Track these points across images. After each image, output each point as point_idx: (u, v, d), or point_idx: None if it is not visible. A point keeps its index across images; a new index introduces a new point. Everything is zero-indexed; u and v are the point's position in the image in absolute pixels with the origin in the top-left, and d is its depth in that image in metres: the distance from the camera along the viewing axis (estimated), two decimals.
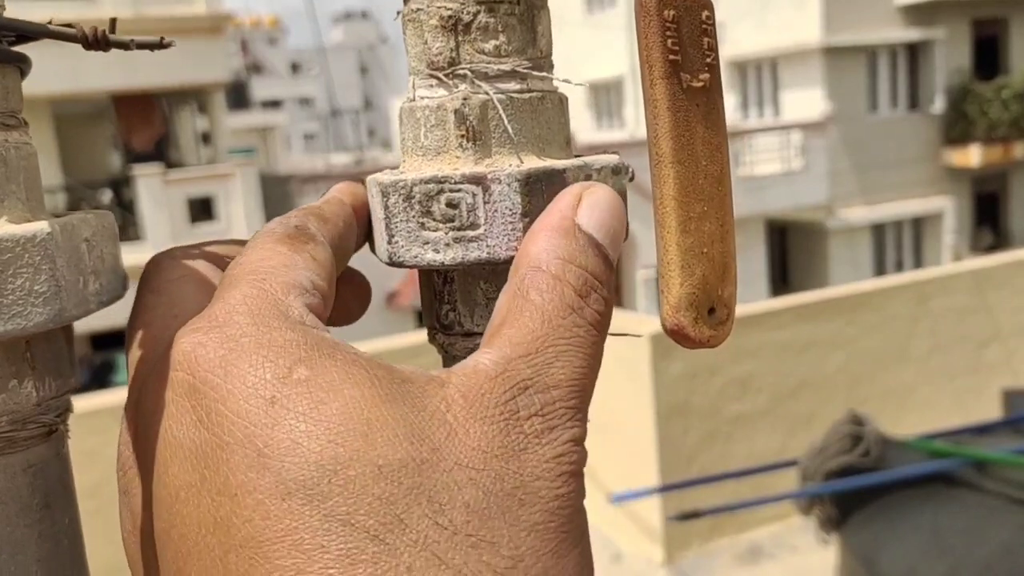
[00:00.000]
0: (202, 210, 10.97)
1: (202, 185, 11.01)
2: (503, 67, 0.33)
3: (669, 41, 0.27)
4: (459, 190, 0.32)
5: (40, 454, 0.31)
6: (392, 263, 0.34)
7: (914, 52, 14.85)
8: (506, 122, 0.33)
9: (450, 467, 0.23)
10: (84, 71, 10.19)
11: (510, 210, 0.31)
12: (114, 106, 11.67)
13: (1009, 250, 8.46)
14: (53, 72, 9.83)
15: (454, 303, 0.35)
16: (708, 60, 0.27)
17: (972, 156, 14.49)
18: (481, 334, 0.35)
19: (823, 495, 2.71)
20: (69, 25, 0.30)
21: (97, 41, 0.29)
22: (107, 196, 11.43)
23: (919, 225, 15.18)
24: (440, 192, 0.32)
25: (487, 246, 0.32)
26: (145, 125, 12.07)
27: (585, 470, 0.26)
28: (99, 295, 0.31)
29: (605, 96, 17.84)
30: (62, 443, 0.32)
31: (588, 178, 0.33)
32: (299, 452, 0.22)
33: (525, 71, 0.33)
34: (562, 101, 0.35)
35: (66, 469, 0.32)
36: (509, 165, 0.32)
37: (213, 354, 0.24)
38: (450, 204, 0.32)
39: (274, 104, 32.78)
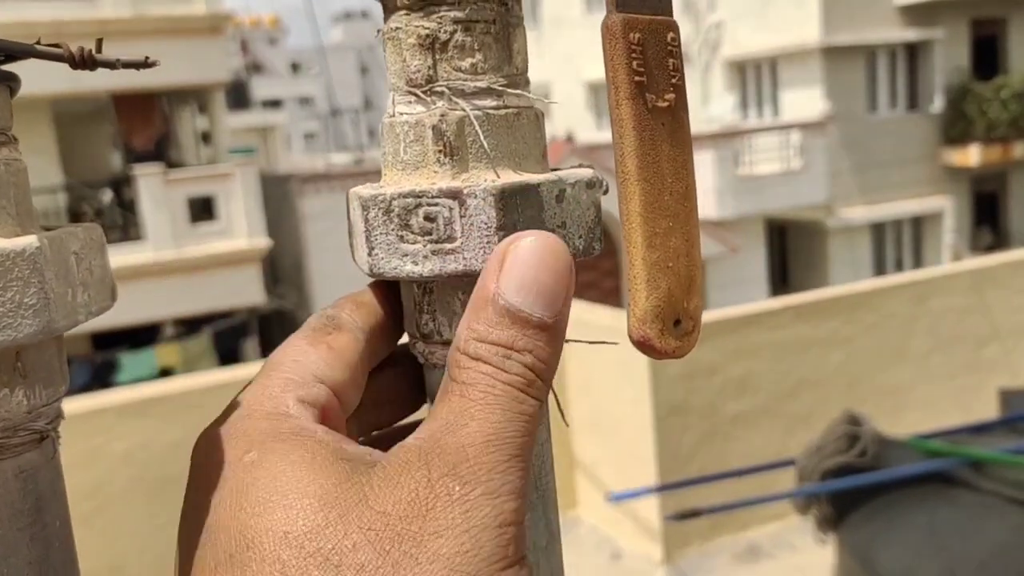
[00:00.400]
0: (202, 210, 10.97)
1: (202, 185, 11.01)
2: (479, 84, 0.34)
3: (635, 63, 0.27)
4: (436, 204, 0.33)
5: (31, 460, 0.32)
6: (372, 274, 0.35)
7: (913, 52, 14.85)
8: (482, 138, 0.34)
9: (351, 530, 0.25)
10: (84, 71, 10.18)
11: (485, 224, 0.32)
12: (114, 105, 11.67)
13: (1008, 250, 8.47)
14: (53, 71, 9.81)
15: (433, 313, 0.36)
16: (674, 80, 0.28)
17: (971, 156, 14.49)
18: None
19: (820, 494, 2.72)
20: (56, 45, 0.31)
21: (84, 61, 0.30)
22: (107, 196, 11.43)
23: (918, 225, 15.18)
24: (418, 206, 0.33)
25: (464, 258, 0.33)
26: (145, 125, 12.07)
27: (585, 469, 0.27)
28: (88, 306, 0.32)
29: (605, 96, 17.79)
30: (53, 449, 0.33)
31: (561, 194, 0.34)
32: (230, 526, 0.26)
33: (501, 88, 0.34)
34: (538, 117, 0.36)
35: (57, 474, 0.33)
36: (485, 180, 0.33)
37: (204, 441, 0.31)
38: (428, 218, 0.33)
39: (274, 104, 32.78)
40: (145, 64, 0.30)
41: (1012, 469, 2.57)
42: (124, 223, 11.07)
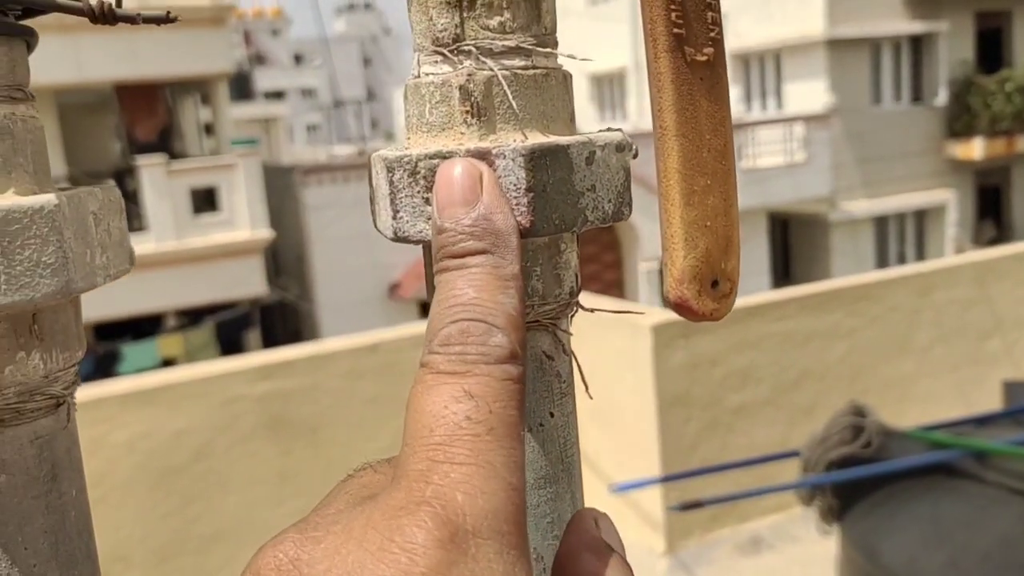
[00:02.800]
0: (205, 201, 10.97)
1: (205, 176, 11.00)
2: (508, 43, 0.33)
3: (673, 15, 0.27)
4: None
5: (47, 426, 0.31)
6: (397, 238, 0.34)
7: (918, 44, 14.80)
8: (511, 98, 0.33)
9: (320, 559, 0.26)
10: (88, 61, 10.18)
11: (515, 185, 0.32)
12: (117, 96, 11.65)
13: (1011, 243, 8.44)
14: (57, 62, 9.81)
15: None
16: (712, 34, 0.27)
17: (975, 149, 14.45)
18: None
19: (824, 485, 2.72)
20: None
21: (104, 15, 0.29)
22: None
23: (922, 218, 15.15)
24: None
25: None
26: (148, 115, 12.06)
27: (587, 460, 0.27)
28: (106, 269, 0.32)
29: (608, 88, 17.80)
30: (70, 416, 0.32)
31: (591, 156, 0.33)
32: None
33: (530, 47, 0.33)
34: (566, 78, 0.35)
35: (74, 441, 0.32)
36: (513, 141, 0.32)
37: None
38: None
39: (277, 95, 32.73)
40: (166, 19, 0.30)
41: (1016, 460, 2.56)
42: (127, 214, 11.06)
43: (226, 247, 10.83)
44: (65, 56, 9.84)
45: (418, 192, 0.33)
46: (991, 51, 15.13)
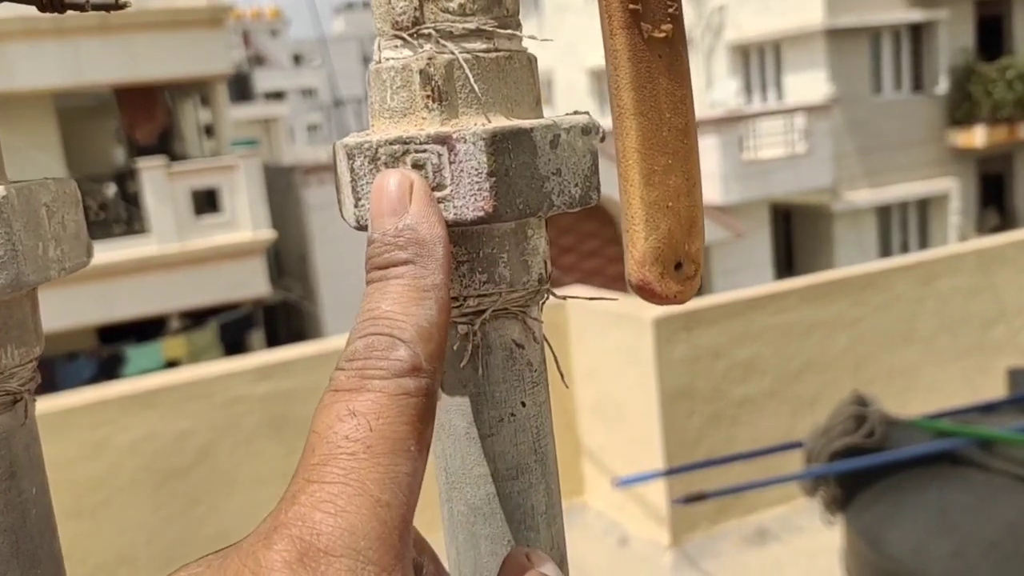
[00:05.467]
0: (206, 202, 10.97)
1: (206, 177, 11.00)
2: (468, 26, 0.32)
3: None
4: (424, 150, 0.32)
5: (4, 423, 0.30)
6: (360, 227, 0.34)
7: (917, 33, 14.75)
8: (472, 82, 0.32)
9: None
10: (86, 64, 10.18)
11: (476, 169, 0.31)
12: (117, 99, 11.66)
13: (1015, 230, 8.41)
14: (56, 66, 9.82)
15: None
16: (671, 10, 0.27)
17: (977, 137, 14.41)
18: (454, 298, 0.34)
19: (828, 476, 2.71)
20: None
21: (52, 3, 0.29)
22: (111, 190, 11.43)
23: (924, 207, 15.11)
24: (405, 153, 0.32)
25: (454, 207, 0.32)
26: (148, 118, 12.06)
27: (591, 455, 0.27)
28: (60, 261, 0.31)
29: (606, 83, 17.73)
30: (28, 412, 0.31)
31: (556, 139, 0.32)
32: None
33: (491, 29, 0.33)
34: (531, 61, 0.34)
35: (33, 438, 0.32)
36: (475, 125, 0.31)
37: None
38: (416, 165, 0.32)
39: (277, 95, 32.73)
40: (116, 6, 0.29)
41: (1021, 448, 2.55)
42: (129, 217, 11.08)
43: (228, 248, 10.83)
44: (64, 60, 9.84)
45: None
46: (991, 38, 15.08)
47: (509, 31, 0.33)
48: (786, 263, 14.96)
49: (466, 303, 0.34)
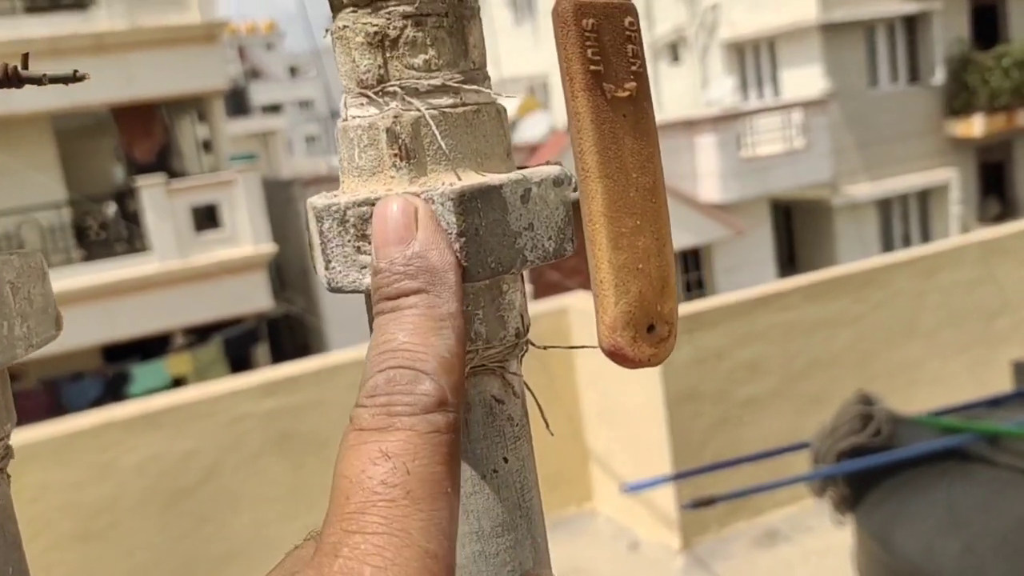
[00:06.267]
0: (206, 218, 10.97)
1: (205, 193, 11.01)
2: (434, 82, 0.32)
3: (589, 51, 0.25)
4: None
5: None
6: (331, 289, 0.33)
7: (912, 24, 14.74)
8: (439, 139, 0.32)
9: None
10: (83, 84, 10.14)
11: (446, 230, 0.31)
12: (114, 118, 11.67)
13: (1017, 219, 8.39)
14: (52, 87, 9.81)
15: None
16: (634, 68, 0.26)
17: (975, 126, 14.39)
18: None
19: (836, 476, 2.70)
20: None
21: (8, 78, 0.28)
22: (112, 209, 11.44)
23: (925, 198, 15.09)
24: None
25: None
26: (146, 136, 12.07)
27: (598, 460, 0.26)
28: (28, 339, 0.31)
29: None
30: (1, 491, 0.31)
31: (527, 193, 0.32)
32: None
33: (457, 85, 0.32)
34: (500, 112, 0.34)
35: (8, 516, 0.31)
36: (443, 183, 0.31)
37: None
38: None
39: (274, 108, 32.78)
40: (74, 79, 0.29)
41: None
42: (129, 235, 11.08)
43: (230, 263, 10.84)
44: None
45: (348, 241, 0.32)
46: (986, 27, 15.06)
47: (475, 85, 0.33)
48: (788, 259, 14.94)
49: None
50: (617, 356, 0.27)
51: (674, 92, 16.20)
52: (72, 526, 3.33)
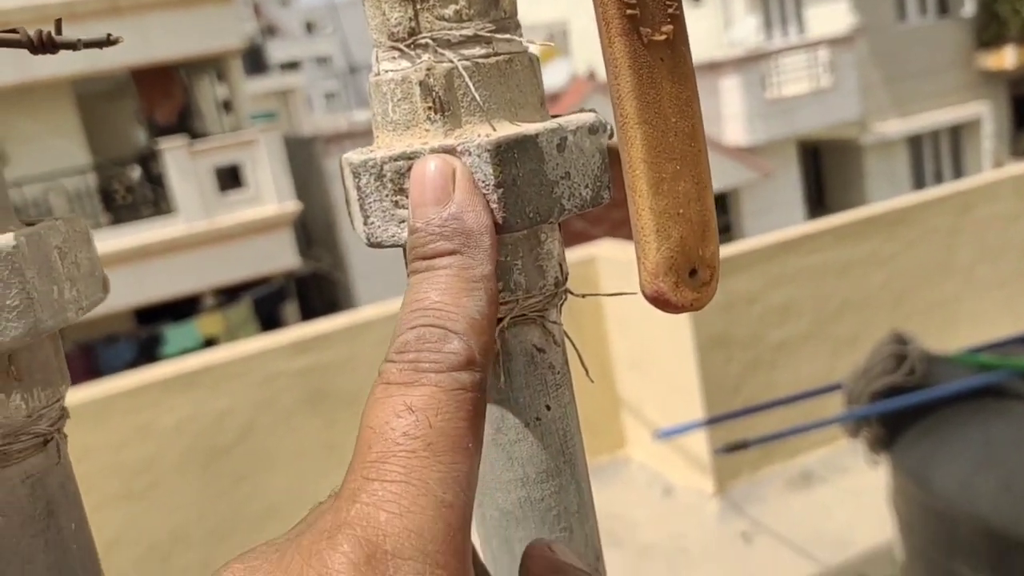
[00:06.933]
0: (230, 179, 11.03)
1: (227, 154, 11.04)
2: (465, 32, 0.32)
3: None
4: None
5: (38, 464, 0.31)
6: (371, 244, 0.33)
7: None
8: (473, 90, 0.31)
9: None
10: (101, 49, 10.18)
11: (483, 181, 0.31)
12: (134, 81, 11.69)
13: None
14: (71, 52, 9.83)
15: None
16: (671, 10, 0.26)
17: (1007, 58, 14.04)
18: None
19: (870, 417, 2.69)
20: (13, 30, 0.29)
21: (43, 44, 0.28)
22: (136, 172, 11.52)
23: (957, 133, 14.80)
24: (411, 168, 0.31)
25: None
26: (166, 98, 12.10)
27: (630, 408, 0.26)
28: (77, 302, 0.31)
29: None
30: (60, 452, 0.32)
31: (563, 142, 0.32)
32: None
33: (489, 35, 0.32)
34: (532, 61, 0.33)
35: (68, 476, 0.32)
36: (479, 135, 0.31)
37: None
38: None
39: (292, 66, 32.64)
40: (108, 42, 0.29)
41: None
42: (155, 198, 11.17)
43: (255, 223, 10.90)
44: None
45: (386, 196, 0.32)
46: None
47: (507, 34, 0.32)
48: (817, 200, 14.77)
49: None
50: (660, 302, 0.27)
51: (696, 34, 15.90)
52: (116, 486, 3.41)
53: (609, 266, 4.21)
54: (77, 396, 3.36)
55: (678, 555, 3.56)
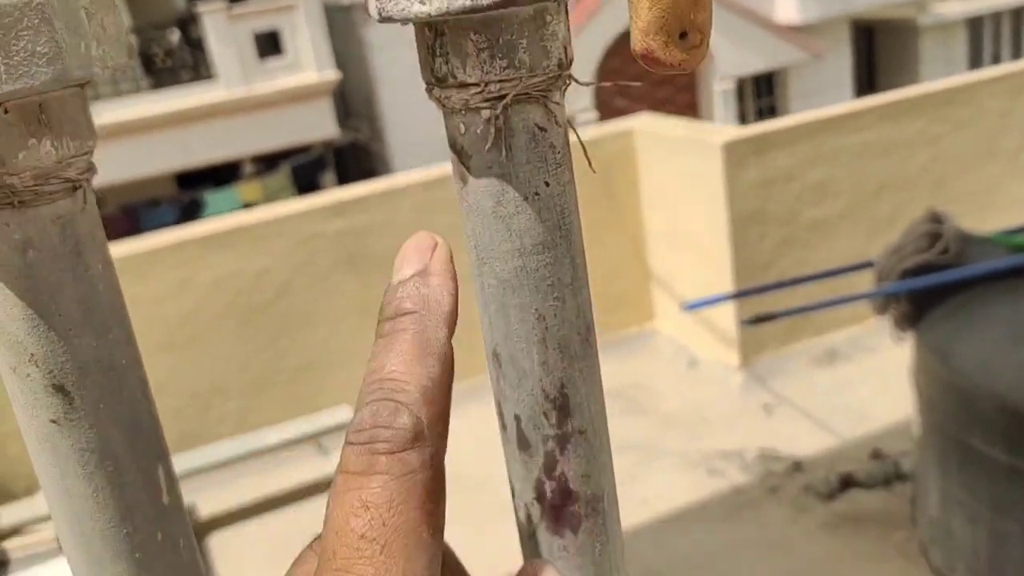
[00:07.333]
0: (269, 44, 10.90)
1: (267, 19, 10.88)
2: None
3: None
4: None
5: (66, 207, 0.33)
6: (382, 19, 0.34)
7: None
8: None
9: None
10: None
11: None
12: None
13: None
14: None
15: (446, 55, 0.35)
16: None
17: None
18: (475, 84, 0.35)
19: (899, 294, 2.70)
20: None
21: None
22: (176, 36, 11.42)
23: (1019, 15, 14.13)
24: None
25: None
26: None
27: (660, 281, 0.28)
28: (103, 60, 0.33)
29: None
30: (87, 200, 0.34)
31: None
32: None
33: None
34: None
35: (96, 223, 0.35)
36: None
37: None
38: None
39: None
40: None
41: None
42: (195, 62, 11.10)
43: (295, 91, 10.83)
44: None
45: None
46: None
47: None
48: (867, 83, 14.30)
49: (488, 88, 0.34)
50: (649, 59, 0.28)
51: None
52: (158, 338, 3.53)
53: (646, 139, 4.16)
54: (118, 250, 3.45)
55: (699, 424, 3.64)
